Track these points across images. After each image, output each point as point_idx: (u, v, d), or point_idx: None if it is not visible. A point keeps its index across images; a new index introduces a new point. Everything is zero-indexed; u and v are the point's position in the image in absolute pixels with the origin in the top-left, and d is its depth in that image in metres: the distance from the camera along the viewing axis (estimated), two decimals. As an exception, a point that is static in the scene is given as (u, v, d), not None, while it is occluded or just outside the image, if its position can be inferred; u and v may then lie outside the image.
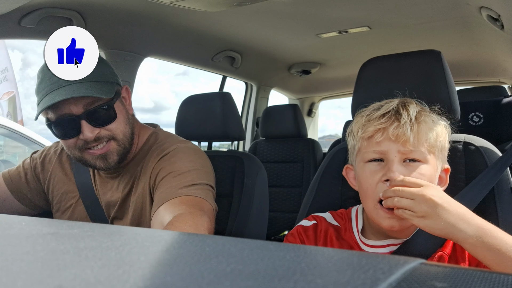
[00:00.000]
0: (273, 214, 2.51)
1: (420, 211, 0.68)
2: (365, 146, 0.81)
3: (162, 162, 1.03)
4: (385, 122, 0.78)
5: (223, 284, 0.23)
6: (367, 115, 0.82)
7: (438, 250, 0.79)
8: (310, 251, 0.33)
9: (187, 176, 0.97)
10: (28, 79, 14.65)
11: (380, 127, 0.78)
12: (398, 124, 0.77)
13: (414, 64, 1.02)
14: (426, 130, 0.79)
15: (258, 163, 1.39)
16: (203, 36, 2.01)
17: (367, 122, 0.81)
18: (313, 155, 2.53)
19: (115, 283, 0.24)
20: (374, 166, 0.80)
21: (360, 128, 0.82)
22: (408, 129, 0.77)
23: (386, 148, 0.78)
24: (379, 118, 0.80)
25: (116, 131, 1.01)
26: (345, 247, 0.86)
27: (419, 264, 0.27)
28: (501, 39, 1.92)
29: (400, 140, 0.77)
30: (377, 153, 0.79)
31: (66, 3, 1.44)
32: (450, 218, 0.67)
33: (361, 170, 0.82)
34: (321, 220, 0.91)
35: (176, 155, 1.03)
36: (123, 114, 1.04)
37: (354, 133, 0.84)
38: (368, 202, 0.80)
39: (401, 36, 2.17)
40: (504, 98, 2.08)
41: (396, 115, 0.79)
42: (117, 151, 1.02)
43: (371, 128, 0.79)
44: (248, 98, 3.09)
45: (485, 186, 0.84)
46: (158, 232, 0.41)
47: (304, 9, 1.78)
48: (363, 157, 0.82)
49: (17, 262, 0.29)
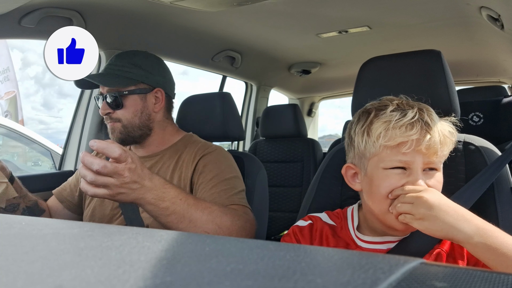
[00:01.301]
0: (273, 214, 2.51)
1: (418, 213, 0.70)
2: (388, 154, 0.78)
3: (205, 159, 1.15)
4: (416, 134, 0.75)
5: (223, 284, 0.23)
6: (395, 121, 0.77)
7: (436, 247, 0.80)
8: (310, 250, 0.33)
9: (232, 182, 1.11)
10: (28, 79, 14.68)
11: (410, 138, 0.75)
12: (430, 138, 0.75)
13: (414, 64, 1.02)
14: (449, 143, 0.79)
15: (258, 163, 1.39)
16: (203, 36, 2.01)
17: (393, 130, 0.76)
18: (313, 155, 2.53)
19: (115, 283, 0.24)
20: (396, 174, 0.78)
21: (384, 135, 0.77)
22: (438, 142, 0.76)
23: (413, 159, 0.76)
24: (407, 127, 0.76)
25: (122, 117, 1.18)
26: (341, 244, 0.86)
27: (419, 264, 0.27)
28: (501, 39, 1.92)
29: (430, 152, 0.76)
30: (402, 162, 0.77)
31: (66, 3, 1.44)
32: (448, 219, 0.68)
33: (380, 176, 0.79)
34: (317, 219, 0.92)
35: (219, 158, 1.17)
36: (137, 107, 1.20)
37: (373, 137, 0.79)
38: (382, 205, 0.78)
39: (401, 36, 2.17)
40: (504, 98, 2.08)
41: (427, 127, 0.76)
42: (120, 131, 1.19)
43: (399, 138, 0.76)
44: (248, 98, 3.09)
45: (482, 184, 0.85)
46: (158, 232, 0.41)
47: (304, 9, 1.78)
48: (385, 164, 0.78)
49: (17, 262, 0.29)
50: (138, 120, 1.19)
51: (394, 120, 0.77)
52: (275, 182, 2.57)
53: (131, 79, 1.18)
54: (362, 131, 0.81)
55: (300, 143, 2.57)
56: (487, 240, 0.66)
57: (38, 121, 11.05)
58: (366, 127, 0.81)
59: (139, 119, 1.20)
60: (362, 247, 0.84)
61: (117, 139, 1.19)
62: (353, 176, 0.87)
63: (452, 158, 0.92)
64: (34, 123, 13.78)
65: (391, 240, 0.83)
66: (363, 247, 0.84)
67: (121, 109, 1.18)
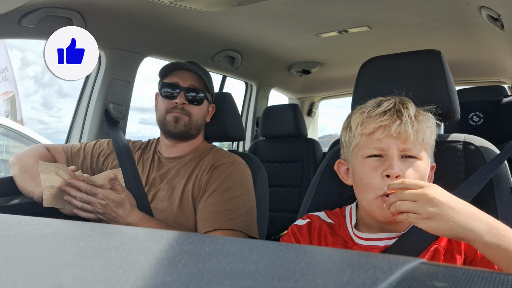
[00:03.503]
0: (273, 214, 2.50)
1: (425, 212, 0.64)
2: (365, 142, 0.83)
3: (219, 169, 1.22)
4: (387, 120, 0.80)
5: (223, 284, 0.23)
6: (368, 112, 0.83)
7: (433, 243, 0.80)
8: (310, 250, 0.33)
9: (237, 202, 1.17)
10: (28, 79, 14.64)
11: (382, 124, 0.80)
12: (400, 122, 0.79)
13: (414, 64, 1.02)
14: (424, 129, 0.81)
15: (258, 163, 1.39)
16: (203, 35, 2.01)
17: (368, 119, 0.82)
18: (313, 154, 2.53)
19: (115, 283, 0.24)
20: (374, 162, 0.81)
21: (360, 124, 0.84)
22: (409, 127, 0.79)
23: (387, 145, 0.80)
24: (380, 115, 0.81)
25: (193, 113, 1.30)
26: (339, 242, 0.87)
27: (419, 263, 0.27)
28: (501, 39, 1.92)
29: (401, 137, 0.79)
30: (377, 149, 0.81)
31: (66, 3, 1.44)
32: (459, 217, 0.63)
33: (360, 165, 0.83)
34: (315, 218, 0.93)
35: (233, 172, 1.22)
36: (203, 110, 1.34)
37: (353, 128, 0.85)
38: (367, 196, 0.81)
39: (401, 36, 2.17)
40: (504, 98, 2.08)
41: (397, 113, 0.81)
42: (185, 124, 1.29)
43: (372, 124, 0.81)
44: (248, 98, 3.09)
45: (480, 181, 0.86)
46: (158, 232, 0.41)
47: (304, 9, 1.78)
48: (363, 152, 0.83)
49: (17, 262, 0.29)
50: (200, 121, 1.33)
51: (368, 110, 0.83)
52: (275, 182, 2.57)
53: (210, 86, 1.35)
54: (346, 125, 0.88)
55: (300, 143, 2.57)
56: (500, 240, 0.63)
57: (38, 121, 11.04)
58: (349, 121, 0.88)
59: (201, 121, 1.34)
60: (360, 244, 0.85)
61: (178, 129, 1.29)
62: (346, 172, 0.91)
63: (452, 158, 0.92)
64: (34, 123, 13.79)
65: (388, 236, 0.83)
66: (360, 244, 0.85)
67: (195, 105, 1.30)
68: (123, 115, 1.84)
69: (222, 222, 1.13)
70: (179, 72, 1.32)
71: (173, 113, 1.28)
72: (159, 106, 1.33)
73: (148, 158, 1.35)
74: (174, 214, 1.18)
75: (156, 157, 1.35)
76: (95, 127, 1.80)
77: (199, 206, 1.18)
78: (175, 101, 1.28)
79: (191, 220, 1.18)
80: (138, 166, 1.33)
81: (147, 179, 1.29)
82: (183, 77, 1.31)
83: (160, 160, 1.33)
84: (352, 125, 0.86)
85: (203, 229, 1.14)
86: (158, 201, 1.22)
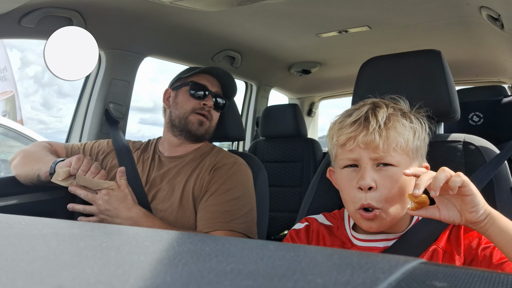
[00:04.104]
0: (273, 214, 2.50)
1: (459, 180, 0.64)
2: (340, 153, 0.84)
3: (221, 170, 1.22)
4: (355, 131, 0.80)
5: (223, 284, 0.23)
6: (339, 122, 0.84)
7: (432, 244, 0.80)
8: (310, 250, 0.33)
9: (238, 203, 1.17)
10: (27, 78, 14.65)
11: (351, 135, 0.80)
12: (366, 132, 0.78)
13: (414, 64, 1.02)
14: (395, 136, 0.79)
15: (258, 163, 1.39)
16: (203, 35, 2.01)
17: (339, 130, 0.83)
18: (313, 154, 2.53)
19: (115, 283, 0.24)
20: (349, 173, 0.82)
21: (334, 135, 0.84)
22: (376, 136, 0.77)
23: (358, 156, 0.80)
24: (350, 125, 0.81)
25: (215, 119, 1.36)
26: (336, 243, 0.88)
27: (419, 263, 0.27)
28: (501, 39, 1.92)
29: (370, 147, 0.78)
30: (351, 160, 0.81)
31: (66, 3, 1.44)
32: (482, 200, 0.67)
33: (339, 176, 0.85)
34: (313, 221, 0.93)
35: (234, 173, 1.22)
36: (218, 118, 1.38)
37: (329, 139, 0.87)
38: (348, 206, 0.83)
39: (401, 36, 2.17)
40: (504, 98, 2.08)
41: (364, 123, 0.80)
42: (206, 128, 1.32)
43: (342, 136, 0.81)
44: (248, 97, 3.08)
45: (480, 180, 0.86)
46: (158, 232, 0.41)
47: (304, 9, 1.78)
48: (339, 163, 0.84)
49: (17, 262, 0.29)
50: (214, 127, 1.37)
51: (340, 121, 0.84)
52: (275, 182, 2.56)
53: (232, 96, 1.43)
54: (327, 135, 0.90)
55: (300, 143, 2.57)
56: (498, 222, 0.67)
57: (38, 121, 11.04)
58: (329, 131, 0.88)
59: (214, 127, 1.38)
60: (358, 245, 0.85)
61: (200, 132, 1.31)
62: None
63: (452, 157, 0.92)
64: (34, 123, 13.78)
65: (387, 238, 0.83)
66: (358, 245, 0.85)
67: (217, 112, 1.36)
68: (123, 115, 1.84)
69: (222, 223, 1.13)
70: (206, 75, 1.34)
71: (199, 115, 1.30)
72: (182, 103, 1.32)
73: (148, 158, 1.35)
74: (175, 214, 1.19)
75: (157, 157, 1.35)
76: (95, 127, 1.80)
77: (199, 206, 1.18)
78: (203, 103, 1.29)
79: (191, 220, 1.18)
80: (138, 166, 1.33)
81: (147, 178, 1.29)
82: (211, 81, 1.34)
83: (160, 160, 1.34)
84: (329, 136, 0.87)
85: (203, 230, 1.14)
86: (159, 202, 1.22)
